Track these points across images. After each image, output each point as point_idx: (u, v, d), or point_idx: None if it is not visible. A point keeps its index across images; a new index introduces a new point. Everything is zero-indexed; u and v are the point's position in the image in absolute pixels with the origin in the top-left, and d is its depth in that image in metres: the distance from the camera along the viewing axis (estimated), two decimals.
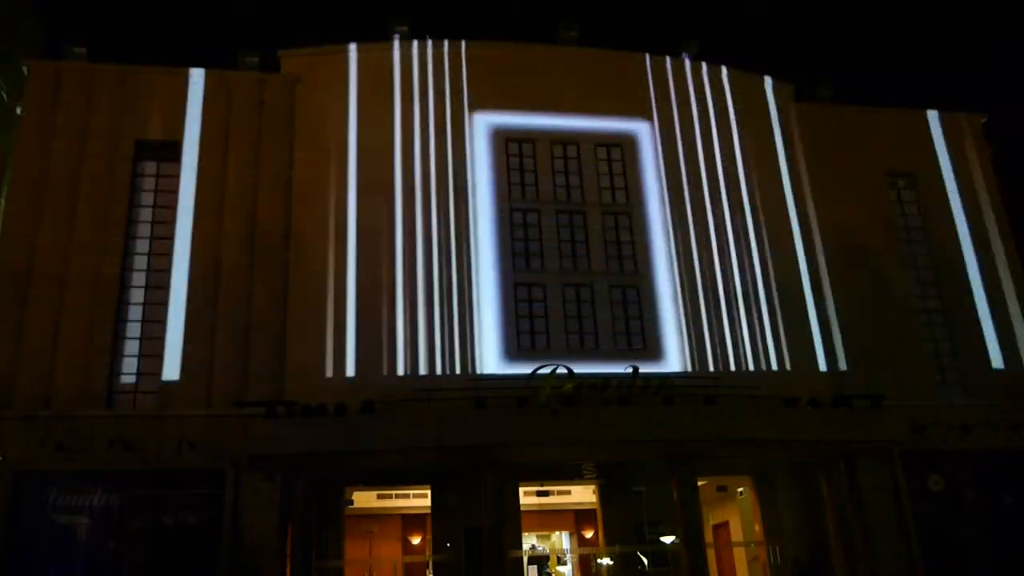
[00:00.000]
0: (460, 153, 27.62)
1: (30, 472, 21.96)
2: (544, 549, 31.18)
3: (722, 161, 29.35)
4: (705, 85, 30.45)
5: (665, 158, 29.01)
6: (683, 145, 29.30)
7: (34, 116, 25.57)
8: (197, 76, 26.99)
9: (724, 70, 30.88)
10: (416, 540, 30.19)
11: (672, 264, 27.55)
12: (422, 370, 24.69)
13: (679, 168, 28.96)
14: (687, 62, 30.63)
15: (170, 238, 25.25)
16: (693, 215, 28.39)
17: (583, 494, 29.43)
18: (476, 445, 21.71)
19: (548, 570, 29.98)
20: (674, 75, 30.33)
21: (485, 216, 27.04)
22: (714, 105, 30.18)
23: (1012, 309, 29.45)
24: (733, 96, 30.48)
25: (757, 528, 27.07)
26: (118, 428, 22.37)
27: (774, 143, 30.21)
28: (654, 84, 29.98)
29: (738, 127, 30.04)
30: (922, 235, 30.60)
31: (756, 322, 27.29)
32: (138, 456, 22.27)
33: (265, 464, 21.96)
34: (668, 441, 22.44)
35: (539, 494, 28.95)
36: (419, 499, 28.25)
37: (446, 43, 29.02)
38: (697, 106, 30.00)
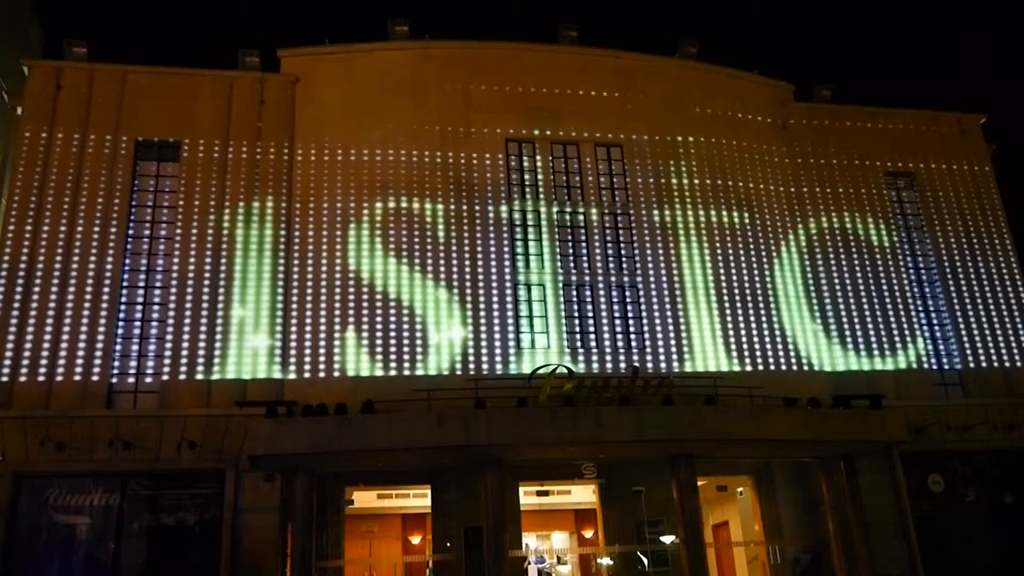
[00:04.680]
0: (460, 153, 27.61)
1: (30, 472, 21.95)
2: (541, 547, 31.20)
3: (721, 161, 29.33)
4: (704, 85, 30.43)
5: (665, 158, 28.99)
6: (682, 145, 29.28)
7: (34, 116, 25.58)
8: (197, 76, 27.01)
9: (723, 70, 30.87)
10: (416, 540, 30.23)
11: (672, 264, 27.53)
12: (422, 370, 24.68)
13: (679, 168, 28.95)
14: (686, 62, 30.62)
15: (170, 238, 25.28)
16: (693, 215, 28.38)
17: (583, 494, 29.45)
18: (476, 445, 21.72)
19: (548, 570, 30.00)
20: (673, 75, 30.33)
21: (485, 216, 27.02)
22: (713, 105, 30.16)
23: (1012, 309, 29.46)
24: (732, 96, 30.47)
25: (757, 528, 27.10)
26: (118, 428, 22.35)
27: (773, 143, 30.20)
28: (653, 84, 29.97)
29: (737, 127, 30.02)
30: (922, 235, 30.60)
31: (756, 322, 27.26)
32: (138, 456, 22.24)
33: (265, 464, 21.98)
34: (668, 441, 22.44)
35: (539, 494, 28.98)
36: (419, 499, 28.29)
37: (446, 43, 29.03)
38: (697, 106, 29.99)
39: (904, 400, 26.42)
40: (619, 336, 26.52)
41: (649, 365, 25.91)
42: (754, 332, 27.13)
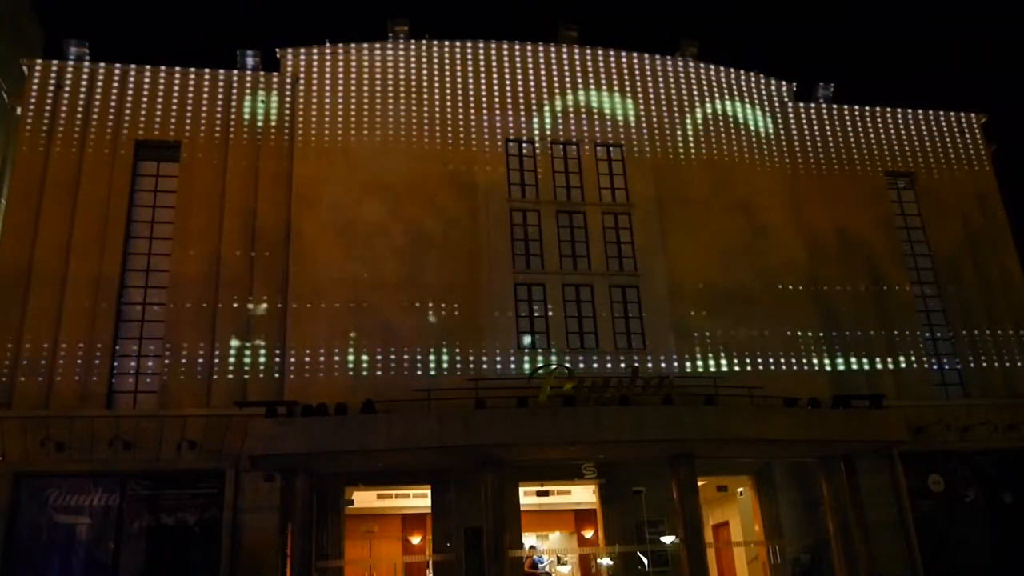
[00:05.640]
0: (460, 152, 27.61)
1: (30, 472, 21.96)
2: (542, 547, 31.22)
3: (721, 161, 29.31)
4: (704, 85, 30.46)
5: (665, 158, 28.99)
6: (682, 145, 29.29)
7: (34, 116, 25.58)
8: (197, 75, 27.01)
9: (723, 70, 30.89)
10: (416, 540, 30.23)
11: (672, 264, 27.52)
12: (422, 370, 24.66)
13: (679, 168, 28.94)
14: (686, 62, 30.63)
15: (170, 238, 25.27)
16: (693, 215, 28.36)
17: (583, 494, 29.45)
18: (476, 445, 21.72)
19: (548, 570, 30.01)
20: (673, 75, 30.35)
21: (485, 216, 27.01)
22: (713, 105, 30.17)
23: (1012, 309, 29.43)
24: (732, 96, 30.49)
25: (757, 528, 27.11)
26: (118, 428, 22.36)
27: (773, 143, 30.20)
28: (653, 84, 29.99)
29: (737, 127, 30.02)
30: (922, 235, 30.59)
31: (756, 322, 27.23)
32: (138, 456, 22.26)
33: (265, 464, 21.98)
34: (668, 441, 22.44)
35: (539, 494, 28.98)
36: (419, 499, 28.28)
37: (446, 43, 29.05)
38: (697, 106, 29.99)
39: (904, 400, 26.43)
40: (619, 336, 26.50)
41: (649, 365, 25.89)
42: (754, 332, 27.11)
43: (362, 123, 27.36)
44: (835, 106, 31.56)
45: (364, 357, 24.56)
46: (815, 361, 27.22)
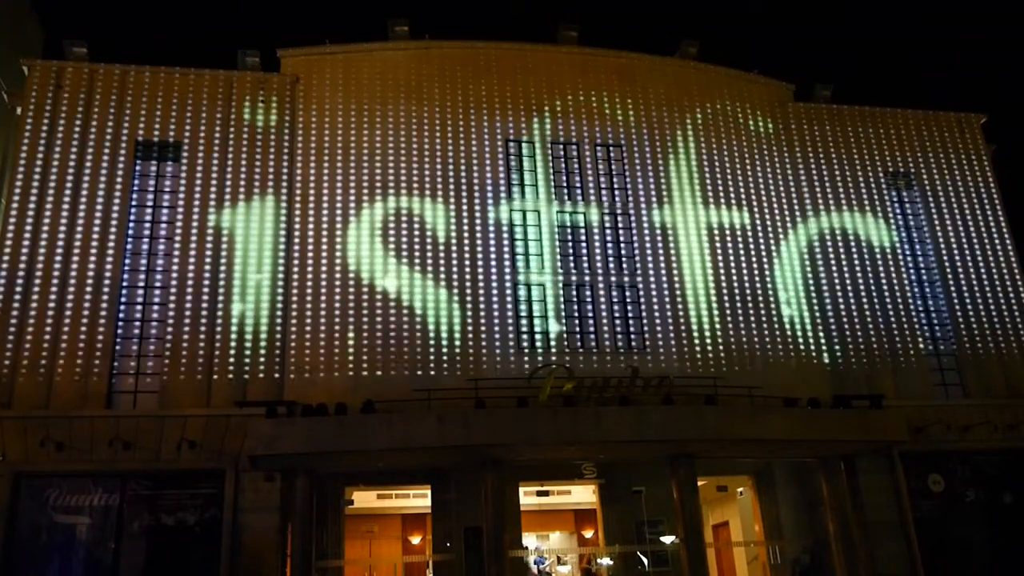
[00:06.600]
0: (460, 153, 27.61)
1: (30, 472, 21.95)
2: (543, 547, 31.27)
3: (722, 161, 29.33)
4: (704, 85, 30.45)
5: (665, 158, 29.00)
6: (682, 145, 29.28)
7: (34, 116, 25.59)
8: (197, 76, 27.02)
9: (723, 70, 30.87)
10: (416, 540, 30.25)
11: (672, 264, 27.52)
12: (422, 370, 24.66)
13: (679, 168, 28.95)
14: (686, 62, 30.63)
15: (170, 238, 25.28)
16: (693, 215, 28.36)
17: (583, 494, 29.49)
18: (476, 445, 21.72)
19: (548, 570, 30.04)
20: (673, 75, 30.34)
21: (485, 215, 27.00)
22: (713, 105, 30.17)
23: (1012, 308, 29.43)
24: (732, 96, 30.49)
25: (757, 528, 27.12)
26: (118, 428, 22.35)
27: (773, 143, 30.20)
28: (653, 84, 29.99)
29: (737, 127, 30.03)
30: (922, 235, 30.59)
31: (756, 322, 27.24)
32: (138, 456, 22.26)
33: (265, 464, 21.99)
34: (668, 441, 22.45)
35: (539, 494, 29.02)
36: (419, 499, 28.32)
37: (446, 43, 29.04)
38: (697, 106, 29.99)
39: (904, 400, 26.43)
40: (619, 336, 26.51)
41: (649, 365, 25.88)
42: (754, 332, 27.11)
43: (362, 123, 27.38)
44: (835, 106, 31.58)
45: (364, 357, 24.56)
46: (815, 361, 27.22)
